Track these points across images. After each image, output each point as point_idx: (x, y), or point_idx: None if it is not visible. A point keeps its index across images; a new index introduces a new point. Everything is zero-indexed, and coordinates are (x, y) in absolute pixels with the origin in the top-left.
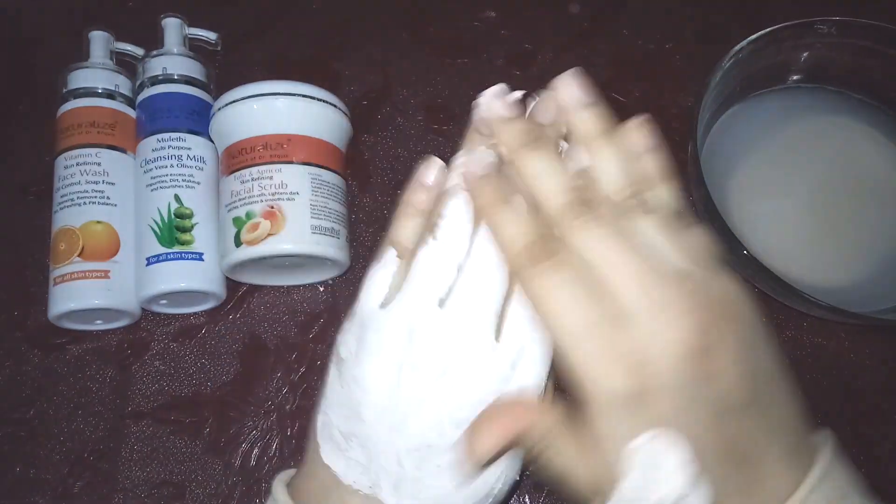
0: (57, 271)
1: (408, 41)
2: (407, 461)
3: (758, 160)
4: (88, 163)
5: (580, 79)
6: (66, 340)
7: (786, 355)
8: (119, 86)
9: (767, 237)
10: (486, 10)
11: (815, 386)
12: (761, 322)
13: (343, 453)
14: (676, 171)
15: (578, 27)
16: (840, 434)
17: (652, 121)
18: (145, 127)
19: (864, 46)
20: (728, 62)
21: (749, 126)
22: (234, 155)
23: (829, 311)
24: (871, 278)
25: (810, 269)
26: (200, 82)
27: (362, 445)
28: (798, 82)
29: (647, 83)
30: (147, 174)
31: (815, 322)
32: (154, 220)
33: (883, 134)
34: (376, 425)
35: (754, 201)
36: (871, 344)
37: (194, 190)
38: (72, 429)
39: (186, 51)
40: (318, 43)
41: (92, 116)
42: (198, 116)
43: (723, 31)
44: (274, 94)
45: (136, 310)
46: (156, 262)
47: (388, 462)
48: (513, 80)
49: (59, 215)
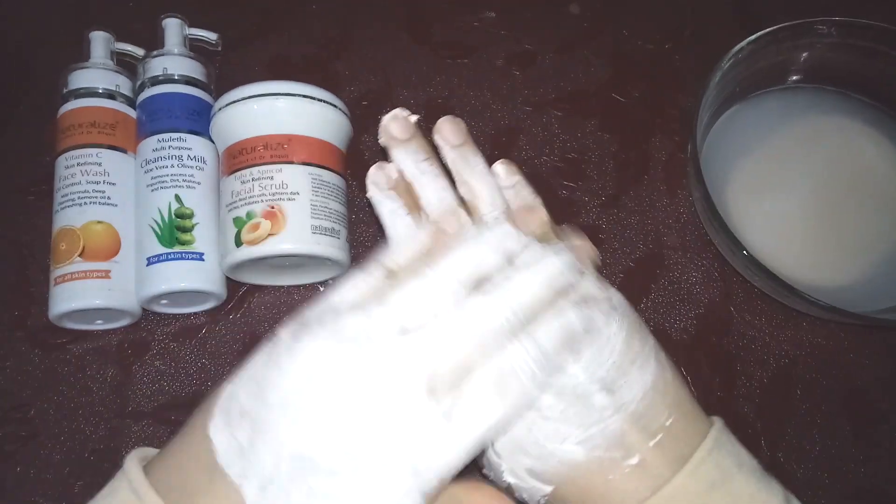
0: (58, 271)
1: (408, 41)
2: (284, 465)
3: (757, 160)
4: (89, 163)
5: (457, 124)
6: (66, 340)
7: (785, 355)
8: (119, 86)
9: (767, 237)
10: (485, 11)
11: (814, 386)
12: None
13: (230, 430)
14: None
15: (578, 27)
16: (840, 434)
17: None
18: (146, 127)
19: (863, 47)
20: (728, 62)
21: (749, 126)
22: (235, 155)
23: (829, 310)
24: (871, 278)
25: (809, 269)
26: (201, 82)
27: (252, 428)
28: (797, 82)
29: (646, 83)
30: (148, 174)
31: (814, 322)
32: (154, 220)
33: (882, 134)
34: (276, 411)
35: (754, 201)
36: (870, 344)
37: (195, 190)
38: (72, 428)
39: (187, 51)
40: (318, 43)
41: (92, 116)
42: (198, 116)
43: (722, 31)
44: (274, 95)
45: (136, 310)
46: (156, 262)
47: (268, 456)
48: (513, 80)
49: (60, 215)
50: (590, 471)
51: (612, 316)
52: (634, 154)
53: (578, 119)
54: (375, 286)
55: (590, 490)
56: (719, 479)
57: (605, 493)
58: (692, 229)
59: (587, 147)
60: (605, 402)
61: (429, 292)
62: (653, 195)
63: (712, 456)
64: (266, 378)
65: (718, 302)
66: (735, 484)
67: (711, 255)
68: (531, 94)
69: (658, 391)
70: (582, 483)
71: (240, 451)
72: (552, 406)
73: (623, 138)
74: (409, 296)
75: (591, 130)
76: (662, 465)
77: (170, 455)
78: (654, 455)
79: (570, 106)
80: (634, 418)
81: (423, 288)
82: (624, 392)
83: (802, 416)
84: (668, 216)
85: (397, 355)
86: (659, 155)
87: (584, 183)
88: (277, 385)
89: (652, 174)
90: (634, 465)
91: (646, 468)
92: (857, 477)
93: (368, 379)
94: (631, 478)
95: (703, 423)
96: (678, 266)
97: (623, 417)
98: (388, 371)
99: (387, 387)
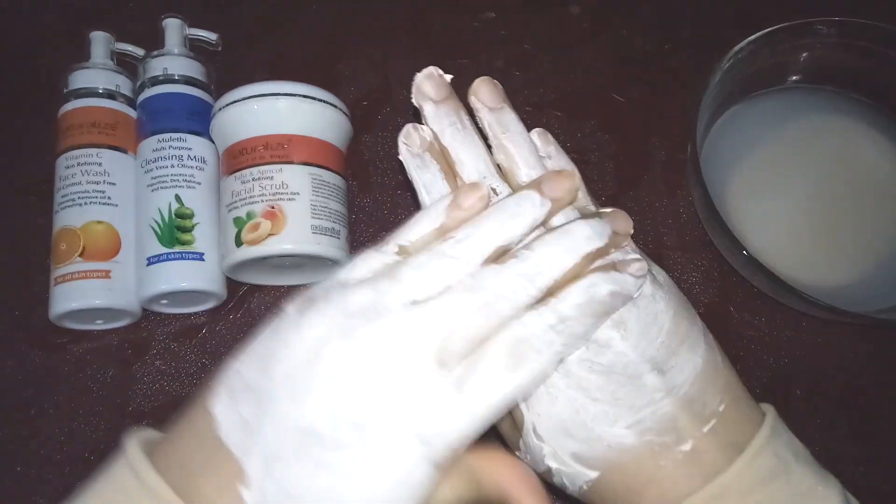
0: (58, 271)
1: (408, 42)
2: (289, 439)
3: (757, 160)
4: (89, 163)
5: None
6: (67, 340)
7: (784, 354)
8: (120, 86)
9: (766, 237)
10: (485, 11)
11: (813, 386)
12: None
13: (234, 404)
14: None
15: (578, 28)
16: (839, 433)
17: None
18: (146, 127)
19: (862, 47)
20: (727, 63)
21: (748, 126)
22: (235, 155)
23: (828, 310)
24: (870, 278)
25: (809, 269)
26: (201, 83)
27: (256, 402)
28: (797, 83)
29: (646, 84)
30: (148, 174)
31: (813, 322)
32: (155, 220)
33: (881, 134)
34: (280, 385)
35: (753, 201)
36: (869, 344)
37: (195, 190)
38: (73, 428)
39: (187, 51)
40: (318, 43)
41: (93, 117)
42: (198, 117)
43: (722, 31)
44: (275, 95)
45: (136, 309)
46: (156, 261)
47: (272, 430)
48: (513, 80)
49: (60, 215)
50: (640, 456)
51: (659, 292)
52: (634, 154)
53: (578, 120)
54: (386, 262)
55: (638, 476)
56: (777, 470)
57: (655, 479)
58: (692, 229)
59: (587, 147)
60: (656, 384)
61: (442, 265)
62: (652, 195)
63: (770, 445)
64: (271, 352)
65: (718, 302)
66: (793, 476)
67: (711, 256)
68: (531, 94)
69: (709, 375)
70: (631, 469)
71: (243, 426)
72: (601, 387)
73: (623, 139)
74: (420, 269)
75: (590, 131)
76: (716, 452)
77: (171, 434)
78: (708, 442)
79: (570, 106)
80: (686, 402)
81: (436, 262)
82: (675, 374)
83: (801, 415)
84: (668, 216)
85: (405, 327)
86: (658, 155)
87: (584, 183)
88: (282, 359)
89: (651, 174)
90: (687, 452)
91: (698, 455)
92: (855, 476)
93: (375, 351)
94: (683, 465)
95: (755, 410)
96: (678, 266)
97: (675, 401)
98: (396, 343)
99: (394, 358)
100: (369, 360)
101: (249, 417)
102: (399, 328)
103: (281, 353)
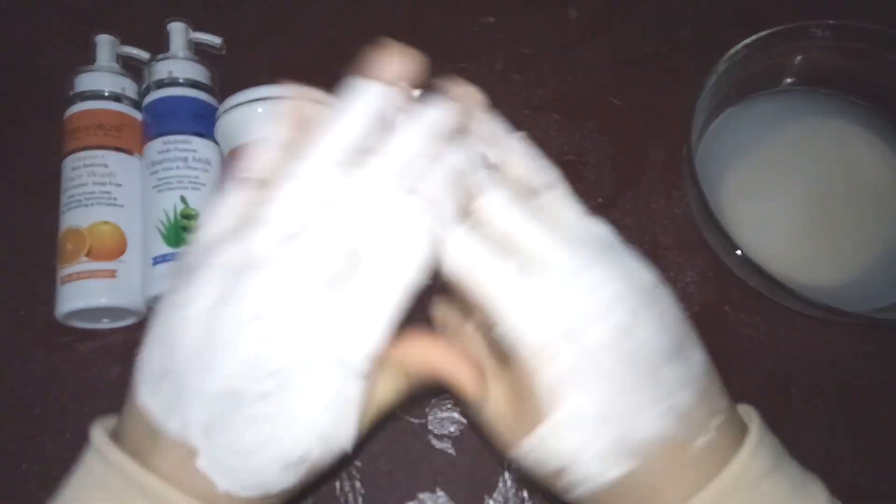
0: (64, 271)
1: (408, 43)
2: (217, 406)
3: (753, 162)
4: (95, 164)
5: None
6: (72, 339)
7: (781, 354)
8: (125, 89)
9: (762, 238)
10: (485, 16)
11: (810, 385)
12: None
13: (156, 392)
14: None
15: (576, 31)
16: (836, 433)
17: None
18: (151, 129)
19: (858, 49)
20: (723, 65)
21: (744, 128)
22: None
23: (824, 310)
24: (865, 278)
25: (805, 270)
26: (205, 86)
27: (175, 384)
28: (793, 85)
29: (643, 86)
30: (153, 176)
31: (811, 322)
32: (160, 221)
33: (875, 136)
34: (188, 363)
35: (749, 202)
36: (866, 343)
37: (200, 191)
38: (78, 426)
39: (191, 55)
40: (318, 45)
41: (98, 119)
42: (203, 119)
43: (718, 34)
44: (278, 98)
45: (142, 308)
46: (162, 261)
47: (198, 405)
48: (512, 84)
49: (67, 216)
50: (662, 449)
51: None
52: (632, 155)
53: (576, 122)
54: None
55: (659, 470)
56: (774, 462)
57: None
58: (688, 230)
59: (585, 149)
60: (672, 375)
61: (299, 190)
62: (649, 196)
63: (766, 438)
64: (168, 336)
65: (714, 302)
66: (787, 468)
67: (707, 256)
68: (529, 97)
69: (711, 370)
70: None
71: (171, 409)
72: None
73: (620, 140)
74: (281, 203)
75: (588, 133)
76: (727, 445)
77: (118, 428)
78: (720, 434)
79: (568, 109)
80: (701, 395)
81: (293, 189)
82: (689, 366)
83: (798, 415)
84: (665, 217)
85: (286, 266)
86: (657, 156)
87: (582, 185)
88: (179, 341)
89: (649, 176)
90: (704, 444)
91: (713, 448)
92: (853, 476)
93: (264, 300)
94: (700, 458)
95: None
96: (674, 266)
97: (692, 393)
98: (281, 285)
99: (285, 299)
100: (262, 311)
101: (173, 400)
102: (280, 270)
103: (176, 337)
